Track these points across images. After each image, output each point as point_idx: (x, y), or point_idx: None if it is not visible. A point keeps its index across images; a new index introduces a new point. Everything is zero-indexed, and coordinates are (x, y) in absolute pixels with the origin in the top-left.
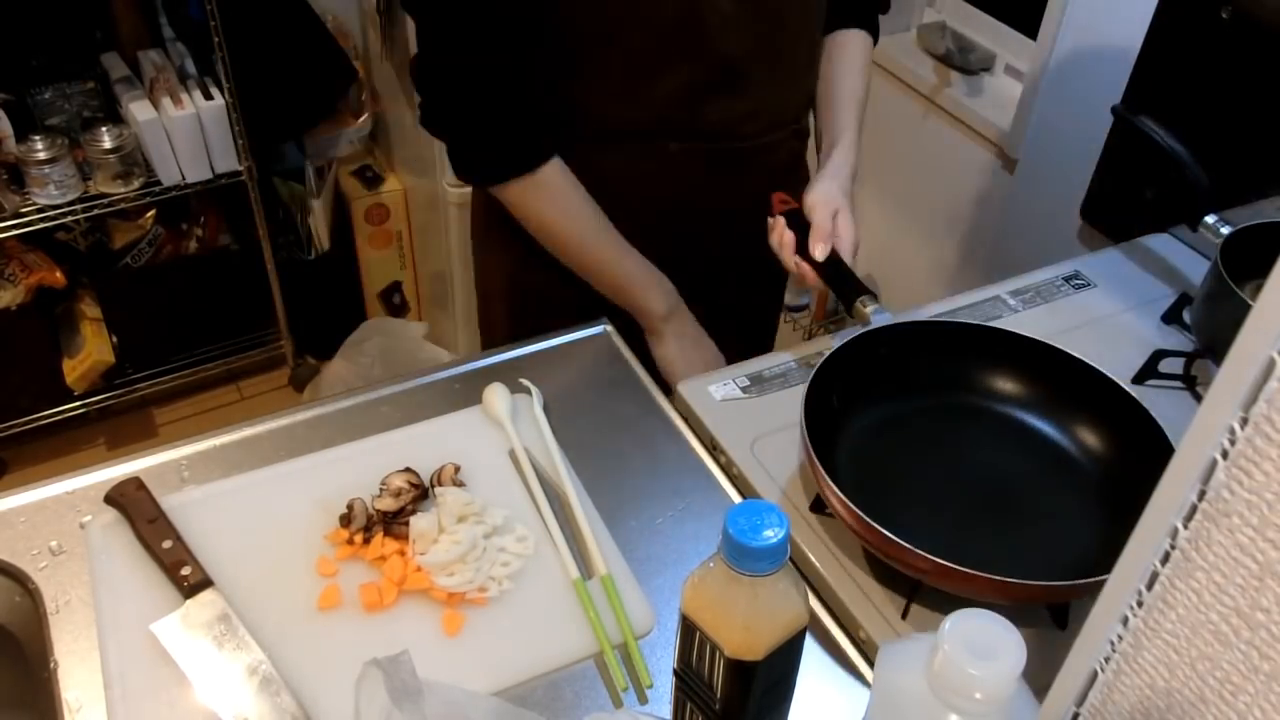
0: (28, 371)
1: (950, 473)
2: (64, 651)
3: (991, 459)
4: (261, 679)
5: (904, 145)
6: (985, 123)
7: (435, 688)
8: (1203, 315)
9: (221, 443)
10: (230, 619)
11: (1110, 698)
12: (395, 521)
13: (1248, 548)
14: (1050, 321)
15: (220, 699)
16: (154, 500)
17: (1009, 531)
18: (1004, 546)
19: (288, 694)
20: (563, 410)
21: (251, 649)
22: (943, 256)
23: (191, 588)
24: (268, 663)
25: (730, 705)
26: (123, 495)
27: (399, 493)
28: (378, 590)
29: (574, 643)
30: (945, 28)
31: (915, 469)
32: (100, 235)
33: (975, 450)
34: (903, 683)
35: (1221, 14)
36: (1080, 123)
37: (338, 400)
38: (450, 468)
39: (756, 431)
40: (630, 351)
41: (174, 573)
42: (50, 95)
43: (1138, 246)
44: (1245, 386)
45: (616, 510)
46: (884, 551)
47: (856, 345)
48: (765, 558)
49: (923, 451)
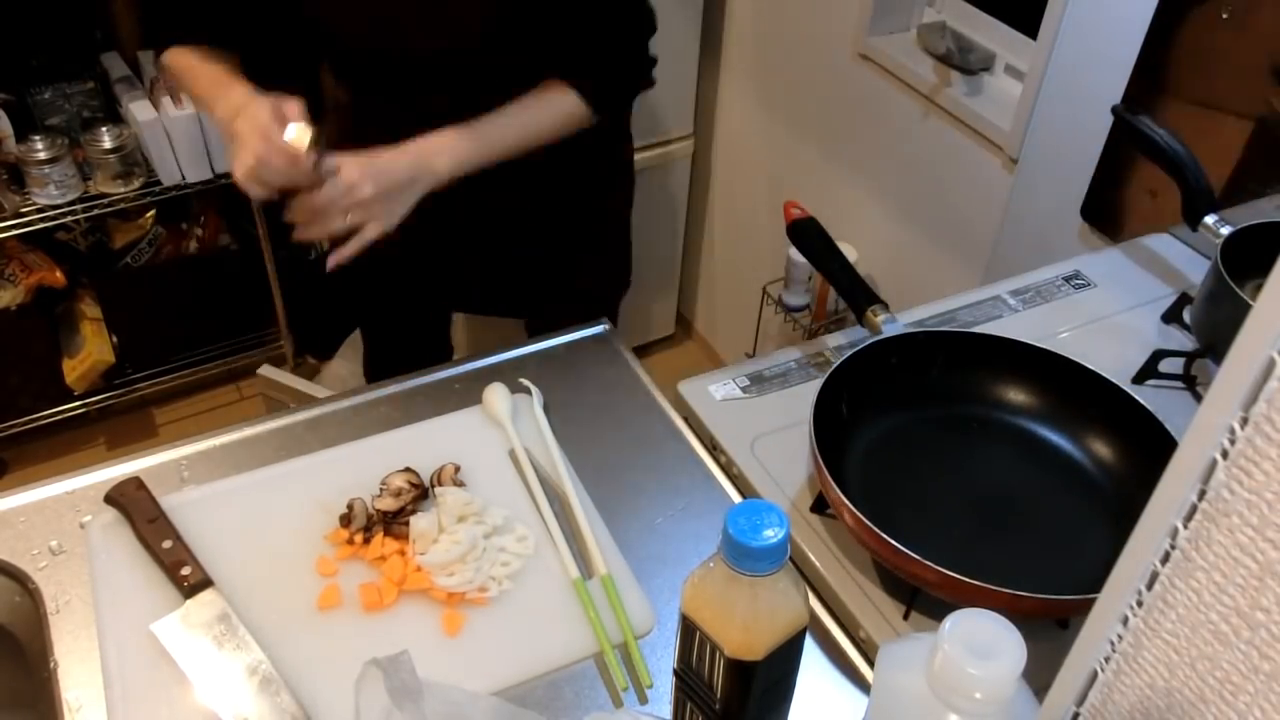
0: (28, 371)
1: (958, 483)
2: (64, 651)
3: (1000, 469)
4: (261, 679)
5: (904, 145)
6: (985, 123)
7: (435, 688)
8: (1203, 315)
9: (221, 443)
10: (230, 619)
11: (1110, 698)
12: (395, 521)
13: (1248, 548)
14: (1050, 321)
15: (220, 699)
16: (154, 500)
17: (1017, 542)
18: (1012, 557)
19: (288, 694)
20: (563, 410)
21: (251, 649)
22: (943, 256)
23: (191, 588)
24: (268, 663)
25: (730, 705)
26: (123, 495)
27: (399, 492)
28: (378, 590)
29: (574, 643)
30: (945, 28)
31: (923, 478)
32: (100, 235)
33: (984, 460)
34: (903, 683)
35: (1222, 14)
36: (1080, 123)
37: (338, 400)
38: (450, 468)
39: (756, 431)
40: (630, 351)
41: (174, 573)
42: (50, 95)
43: (1138, 246)
44: (1245, 386)
45: (616, 510)
46: (891, 562)
47: (867, 354)
48: (765, 558)
49: (930, 461)
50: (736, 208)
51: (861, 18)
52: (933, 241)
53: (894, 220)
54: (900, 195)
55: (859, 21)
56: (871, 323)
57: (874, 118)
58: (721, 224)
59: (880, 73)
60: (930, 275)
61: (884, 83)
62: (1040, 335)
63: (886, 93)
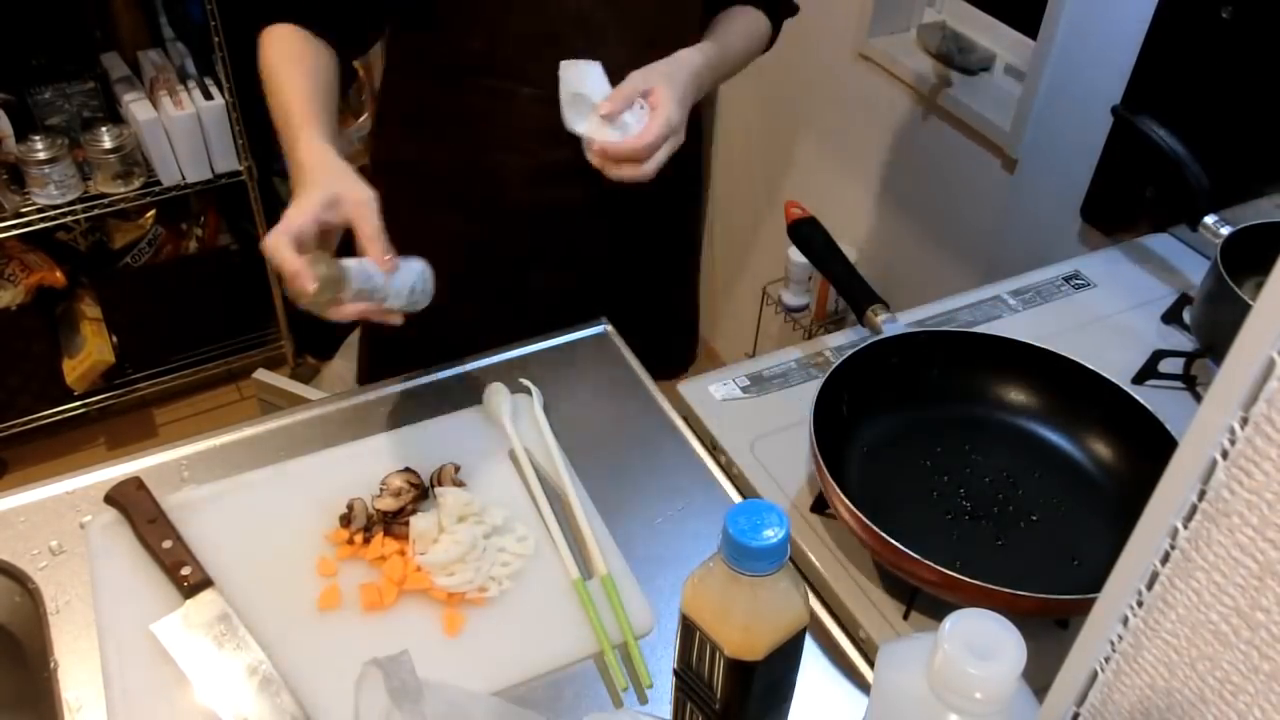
0: (28, 371)
1: (958, 483)
2: (64, 651)
3: (1000, 469)
4: (262, 679)
5: (904, 145)
6: (985, 123)
7: (435, 688)
8: (1203, 315)
9: (221, 443)
10: (230, 619)
11: (1110, 698)
12: (395, 521)
13: (1248, 548)
14: (1050, 321)
15: (220, 699)
16: (154, 500)
17: (1017, 542)
18: (1012, 557)
19: (288, 694)
20: (563, 410)
21: (251, 649)
22: (943, 256)
23: (191, 588)
24: (268, 662)
25: (730, 705)
26: (123, 496)
27: (399, 492)
28: (378, 590)
29: (574, 643)
30: (945, 28)
31: (923, 478)
32: (100, 235)
33: (985, 461)
34: (903, 683)
35: (1222, 13)
36: (1080, 123)
37: (338, 400)
38: (450, 468)
39: (756, 431)
40: (630, 351)
41: (174, 573)
42: (50, 95)
43: (1138, 246)
44: (1245, 386)
45: (616, 510)
46: (891, 562)
47: (867, 354)
48: (765, 558)
49: (932, 461)
50: (736, 207)
51: (861, 18)
52: (933, 241)
53: (894, 220)
54: (900, 195)
55: (859, 21)
56: (872, 322)
57: (874, 118)
58: (721, 224)
59: (880, 73)
60: (930, 275)
61: (884, 83)
62: (1040, 335)
63: (886, 93)
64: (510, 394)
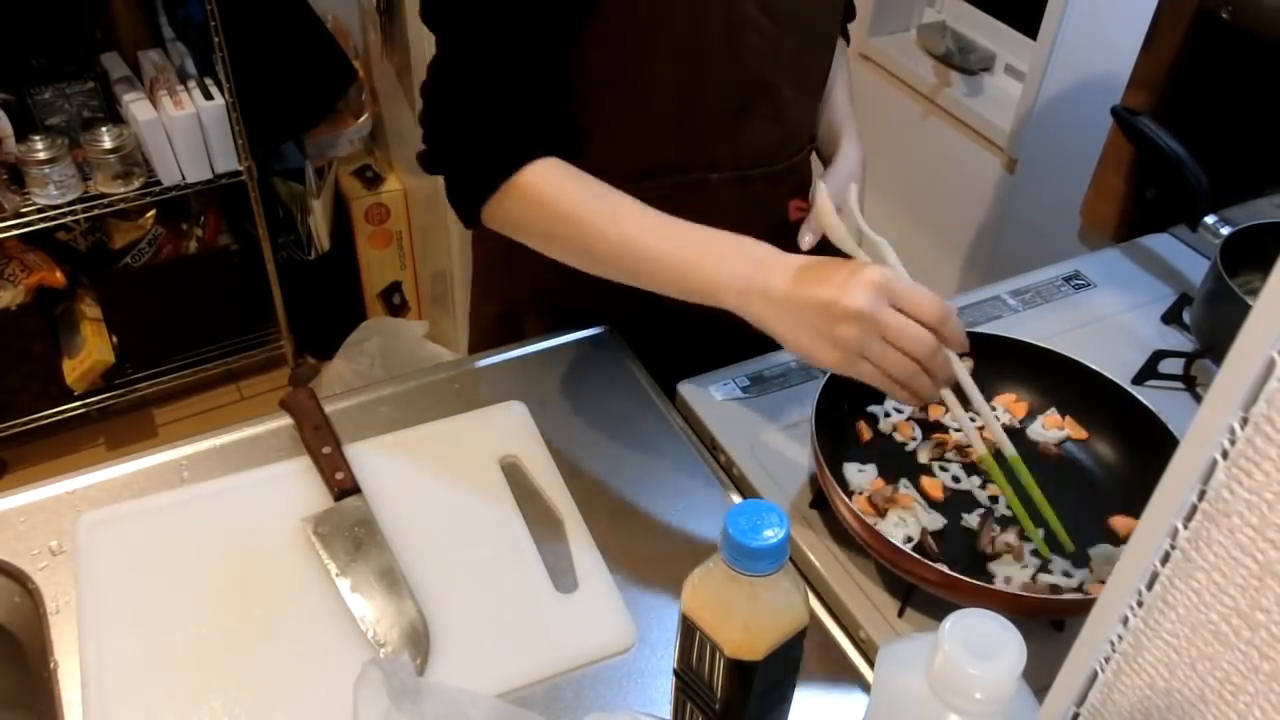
0: (28, 371)
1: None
2: (64, 651)
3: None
4: (390, 582)
5: (904, 145)
6: (985, 123)
7: (435, 688)
8: (1203, 315)
9: (221, 443)
10: (371, 523)
11: (1110, 698)
12: None
13: (1248, 548)
14: (1050, 322)
15: (350, 596)
16: (322, 410)
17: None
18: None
19: (411, 600)
20: (562, 410)
21: (386, 552)
22: (943, 256)
23: (342, 492)
24: (399, 567)
25: (730, 705)
26: (294, 401)
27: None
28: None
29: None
30: (945, 28)
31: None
32: (100, 235)
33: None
34: (903, 683)
35: (1222, 14)
36: (1080, 123)
37: (338, 400)
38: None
39: (756, 431)
40: (630, 351)
41: (329, 476)
42: (50, 95)
43: (1138, 246)
44: (1245, 386)
45: (616, 510)
46: (892, 562)
47: None
48: (765, 558)
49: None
50: None
51: (861, 18)
52: (932, 241)
53: (893, 220)
54: (900, 195)
55: (859, 21)
56: None
57: (874, 118)
58: None
59: (880, 73)
60: (930, 275)
61: (884, 83)
62: (1040, 335)
63: (886, 93)
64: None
